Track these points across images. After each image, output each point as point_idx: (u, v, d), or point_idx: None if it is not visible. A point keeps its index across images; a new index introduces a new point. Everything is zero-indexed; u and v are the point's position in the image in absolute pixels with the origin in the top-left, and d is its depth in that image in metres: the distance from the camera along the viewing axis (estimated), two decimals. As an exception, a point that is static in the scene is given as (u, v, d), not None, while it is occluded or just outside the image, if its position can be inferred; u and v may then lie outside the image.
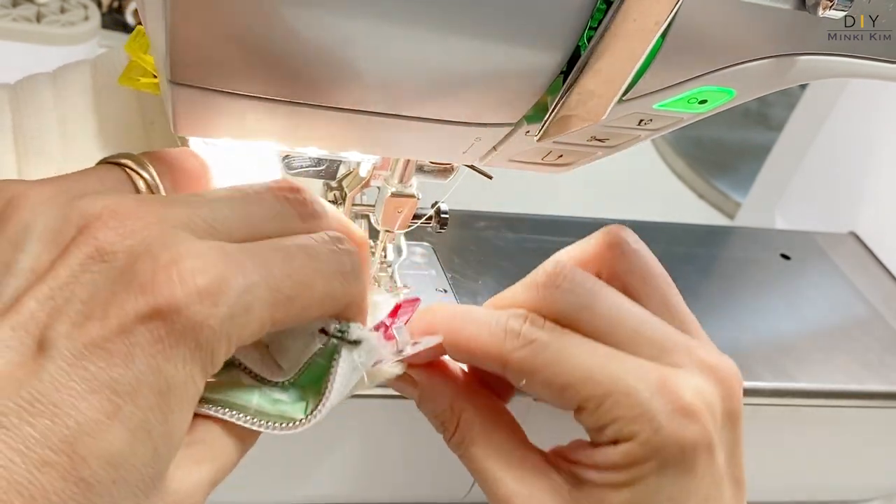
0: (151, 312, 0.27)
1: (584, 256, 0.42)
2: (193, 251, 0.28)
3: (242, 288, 0.28)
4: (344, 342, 0.34)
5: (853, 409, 0.57)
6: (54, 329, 0.27)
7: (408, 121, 0.33)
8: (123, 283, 0.27)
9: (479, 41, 0.29)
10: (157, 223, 0.28)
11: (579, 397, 0.37)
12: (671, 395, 0.36)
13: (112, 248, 0.28)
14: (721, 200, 0.98)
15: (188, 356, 0.27)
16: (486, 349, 0.38)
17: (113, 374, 0.26)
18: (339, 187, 0.47)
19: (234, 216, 0.30)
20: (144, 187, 0.32)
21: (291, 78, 0.30)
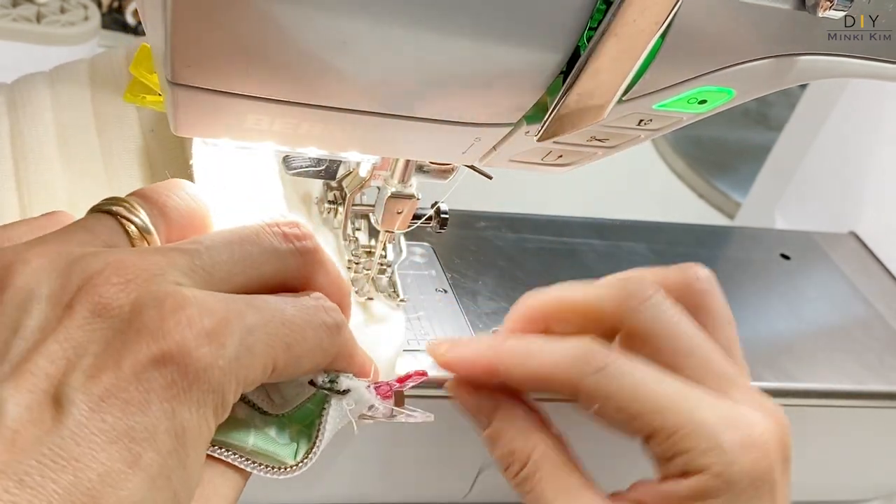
0: (163, 357, 0.27)
1: (663, 283, 0.43)
2: (196, 298, 0.28)
3: (245, 329, 0.29)
4: (333, 392, 0.35)
5: (853, 409, 0.57)
6: (68, 384, 0.27)
7: (408, 121, 0.33)
8: (132, 332, 0.28)
9: (478, 41, 0.29)
10: (156, 274, 0.29)
11: (651, 427, 0.38)
12: (742, 430, 0.37)
13: (116, 301, 0.28)
14: (721, 200, 0.98)
15: (201, 398, 0.28)
16: (558, 377, 0.39)
17: (130, 423, 0.27)
18: (339, 187, 0.47)
19: (232, 260, 0.31)
20: (137, 233, 0.32)
21: (291, 78, 0.30)
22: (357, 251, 0.47)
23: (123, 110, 0.47)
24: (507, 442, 0.40)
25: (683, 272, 0.44)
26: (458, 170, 0.44)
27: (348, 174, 0.45)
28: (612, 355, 0.39)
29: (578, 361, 0.38)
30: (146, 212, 0.33)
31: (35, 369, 0.27)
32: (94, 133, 0.47)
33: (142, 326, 0.28)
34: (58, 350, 0.28)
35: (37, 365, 0.27)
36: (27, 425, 0.26)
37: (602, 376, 0.38)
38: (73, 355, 0.28)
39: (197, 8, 0.27)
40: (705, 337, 0.41)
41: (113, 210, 0.33)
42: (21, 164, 0.44)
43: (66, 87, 0.47)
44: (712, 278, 0.44)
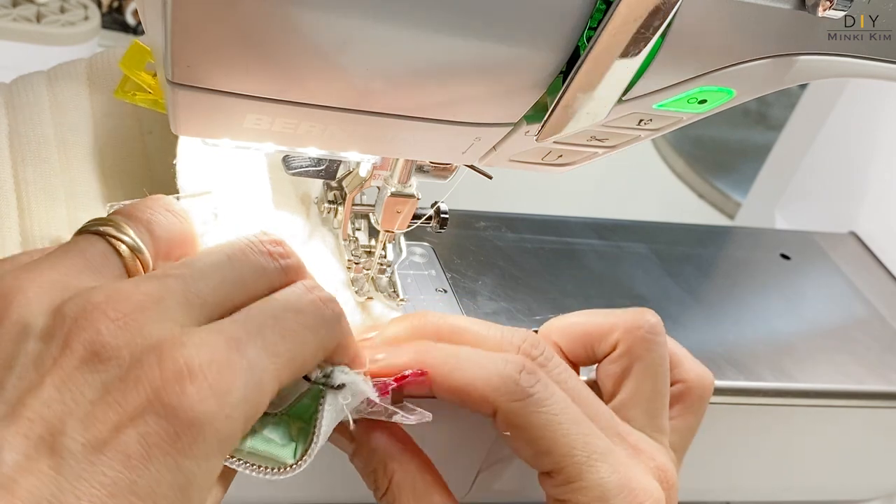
0: (164, 412, 0.27)
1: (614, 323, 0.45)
2: (196, 342, 0.28)
3: (249, 368, 0.29)
4: (328, 388, 0.35)
5: (853, 409, 0.57)
6: (67, 434, 0.26)
7: (407, 121, 0.33)
8: (131, 381, 0.27)
9: (478, 41, 0.29)
10: (154, 308, 0.29)
11: (553, 467, 0.39)
12: (635, 498, 0.39)
13: (113, 341, 0.28)
14: (721, 200, 0.98)
15: (207, 449, 0.28)
16: (480, 394, 0.38)
17: (132, 477, 0.26)
18: (338, 187, 0.46)
19: (224, 284, 0.31)
20: (128, 252, 0.32)
21: (291, 78, 0.30)
22: (357, 251, 0.47)
23: (121, 110, 0.47)
24: (367, 470, 0.40)
25: (631, 318, 0.45)
26: (458, 170, 0.44)
27: (348, 174, 0.45)
28: (540, 384, 0.38)
29: (505, 384, 0.38)
30: (134, 230, 0.33)
31: (31, 414, 0.27)
32: (92, 133, 0.46)
33: (141, 376, 0.27)
34: (53, 393, 0.27)
35: (32, 409, 0.27)
36: (25, 474, 0.26)
37: (523, 406, 0.38)
38: (70, 400, 0.27)
39: (197, 8, 0.27)
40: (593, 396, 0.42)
41: (101, 231, 0.32)
42: (20, 165, 0.44)
43: (65, 88, 0.47)
44: (658, 327, 0.45)
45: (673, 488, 0.42)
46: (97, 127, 0.47)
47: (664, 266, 0.62)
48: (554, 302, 0.55)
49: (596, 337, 0.45)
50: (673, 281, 0.61)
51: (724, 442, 0.55)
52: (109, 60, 0.48)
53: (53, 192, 0.44)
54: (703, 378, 0.47)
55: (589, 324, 0.45)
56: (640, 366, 0.44)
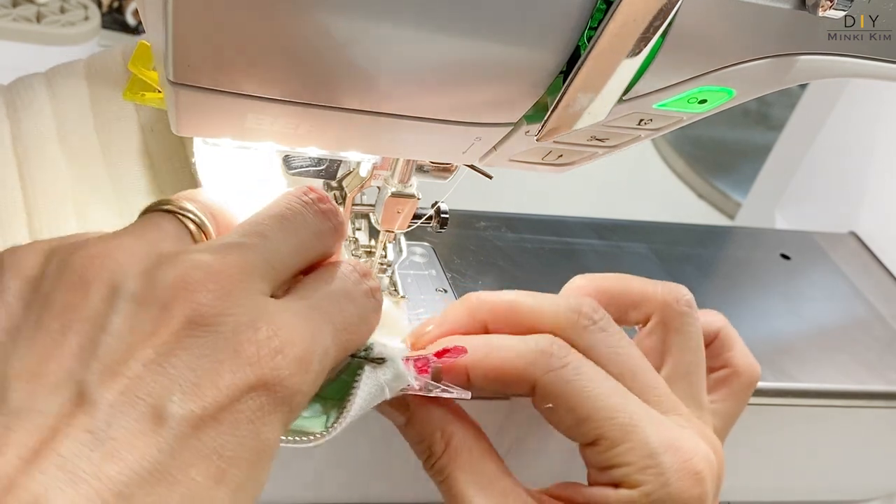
0: (258, 385, 0.29)
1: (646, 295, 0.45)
2: (284, 323, 0.30)
3: (323, 352, 0.31)
4: (366, 360, 0.37)
5: (853, 409, 0.57)
6: (169, 399, 0.27)
7: (408, 121, 0.33)
8: (229, 354, 0.28)
9: (479, 41, 0.29)
10: (243, 280, 0.30)
11: (596, 433, 0.38)
12: (683, 455, 0.38)
13: (212, 312, 0.29)
14: (721, 200, 0.98)
15: (282, 419, 0.30)
16: (518, 371, 0.39)
17: (220, 441, 0.28)
18: (339, 187, 0.47)
19: (289, 250, 0.33)
20: (195, 228, 0.33)
21: (292, 78, 0.30)
22: (357, 251, 0.47)
23: (122, 109, 0.47)
24: (424, 433, 0.40)
25: (668, 290, 0.45)
26: (458, 170, 0.44)
27: (348, 174, 0.45)
28: (574, 355, 0.39)
29: (540, 357, 0.39)
30: (196, 207, 0.34)
31: (130, 373, 0.27)
32: (94, 132, 0.47)
33: (240, 352, 0.29)
34: (152, 356, 0.28)
35: (132, 369, 0.27)
36: (125, 433, 0.26)
37: (560, 375, 0.38)
38: (171, 367, 0.28)
39: (197, 8, 0.27)
40: (647, 364, 0.42)
41: (168, 208, 0.33)
42: (24, 166, 0.44)
43: (64, 87, 0.47)
44: (692, 303, 0.45)
45: (721, 459, 0.41)
46: (98, 125, 0.47)
47: (664, 266, 0.62)
48: (554, 302, 0.54)
49: (630, 302, 0.45)
50: (673, 281, 0.61)
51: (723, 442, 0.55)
52: (108, 60, 0.48)
53: (60, 192, 0.44)
54: (751, 367, 0.47)
55: (626, 287, 0.45)
56: (679, 339, 0.44)
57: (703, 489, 0.38)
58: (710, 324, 0.48)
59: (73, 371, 0.27)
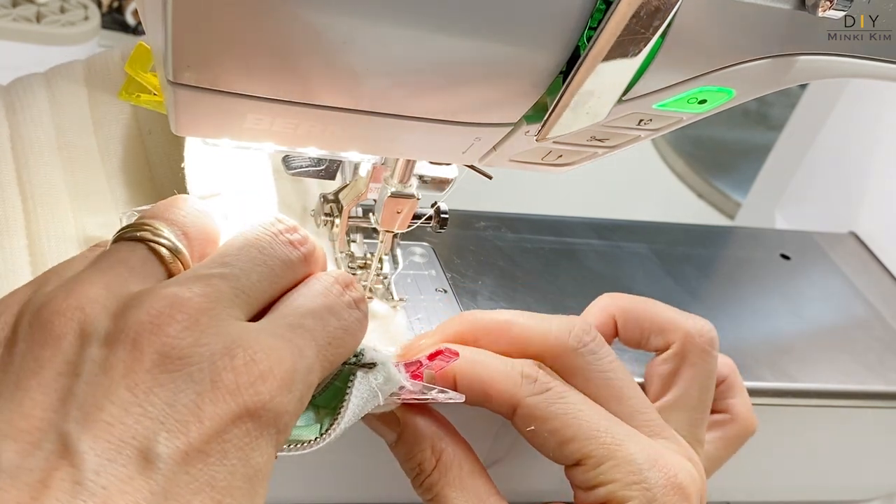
0: (242, 414, 0.29)
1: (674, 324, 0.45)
2: (261, 345, 0.30)
3: (306, 370, 0.31)
4: (357, 366, 0.37)
5: (853, 409, 0.57)
6: (154, 439, 0.27)
7: (408, 121, 0.33)
8: (206, 386, 0.28)
9: (478, 41, 0.29)
10: (213, 309, 0.30)
11: (581, 453, 0.39)
12: (668, 471, 0.39)
13: (184, 344, 0.29)
14: (721, 200, 0.98)
15: (270, 441, 0.30)
16: (502, 391, 0.39)
17: (211, 473, 0.28)
18: (335, 200, 0.47)
19: (261, 279, 0.33)
20: (169, 255, 0.33)
21: (291, 78, 0.30)
22: (353, 264, 0.48)
23: (120, 111, 0.47)
24: (414, 451, 0.40)
25: (695, 324, 0.45)
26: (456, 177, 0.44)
27: (345, 187, 0.45)
28: (557, 382, 0.40)
29: (524, 379, 0.39)
30: (170, 232, 0.34)
31: (110, 418, 0.27)
32: (92, 134, 0.46)
33: (218, 382, 0.28)
34: (129, 397, 0.27)
35: (110, 413, 0.27)
36: (114, 481, 0.26)
37: (543, 398, 0.39)
38: (147, 404, 0.28)
39: (197, 8, 0.27)
40: (636, 388, 0.42)
41: (138, 236, 0.33)
42: (23, 168, 0.44)
43: (63, 89, 0.47)
44: (715, 343, 0.45)
45: (705, 481, 0.41)
46: (97, 128, 0.47)
47: (664, 266, 0.62)
48: (554, 302, 0.55)
49: (656, 328, 0.46)
50: (673, 281, 0.61)
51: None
52: (107, 61, 0.48)
53: (58, 195, 0.44)
54: (749, 419, 0.48)
55: (654, 313, 0.46)
56: (692, 372, 0.44)
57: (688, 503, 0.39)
58: (720, 367, 0.48)
59: (54, 423, 0.27)
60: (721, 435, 0.47)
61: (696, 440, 0.44)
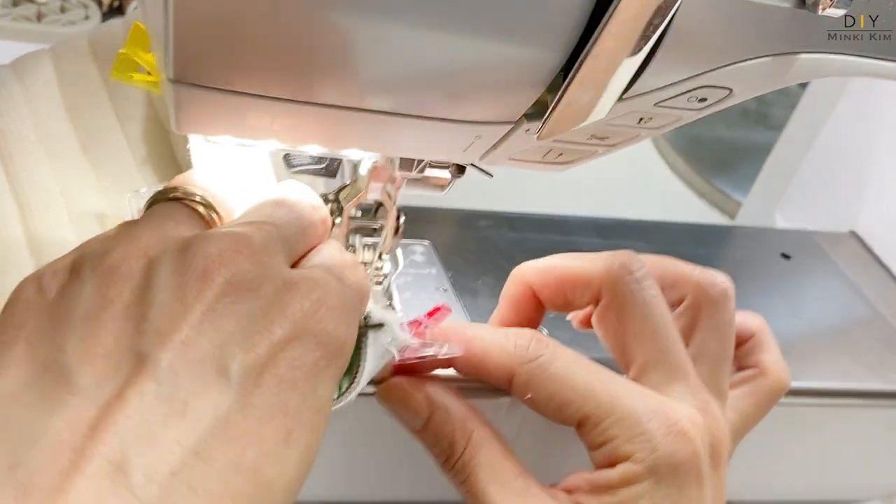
0: (310, 339, 0.29)
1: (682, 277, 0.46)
2: (317, 280, 0.31)
3: (352, 307, 0.32)
4: (368, 327, 0.38)
5: (853, 409, 0.57)
6: (229, 355, 0.28)
7: (408, 119, 0.33)
8: (276, 312, 0.29)
9: (479, 39, 0.29)
10: (270, 248, 0.31)
11: (580, 414, 0.39)
12: (667, 419, 0.39)
13: (250, 275, 0.29)
14: (721, 200, 0.98)
15: (334, 373, 0.30)
16: (497, 362, 0.40)
17: (283, 399, 0.28)
18: (335, 199, 0.47)
19: (298, 235, 0.34)
20: (205, 210, 0.34)
21: (292, 76, 0.30)
22: None
23: (96, 98, 0.47)
24: (444, 433, 0.41)
25: (705, 275, 0.45)
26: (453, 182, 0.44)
27: (344, 187, 0.45)
28: (550, 347, 0.40)
29: (517, 350, 0.40)
30: (199, 191, 0.35)
31: (185, 338, 0.27)
32: (70, 123, 0.46)
33: (287, 309, 0.29)
34: (202, 320, 0.28)
35: (186, 335, 0.28)
36: (194, 396, 0.27)
37: (536, 364, 0.40)
38: (224, 326, 0.28)
39: (198, 6, 0.27)
40: (672, 329, 0.42)
41: (172, 196, 0.34)
42: (9, 162, 0.44)
43: (35, 79, 0.46)
44: (728, 292, 0.45)
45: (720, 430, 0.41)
46: (74, 116, 0.46)
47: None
48: (554, 301, 0.54)
49: (669, 282, 0.46)
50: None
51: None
52: (75, 48, 0.47)
53: (48, 186, 0.44)
54: (781, 372, 0.48)
55: (664, 268, 0.46)
56: (708, 324, 0.44)
57: (693, 447, 0.39)
58: (748, 323, 0.48)
59: (131, 343, 0.27)
60: (751, 390, 0.47)
61: (719, 391, 0.44)
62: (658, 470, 0.38)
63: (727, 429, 0.42)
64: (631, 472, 0.38)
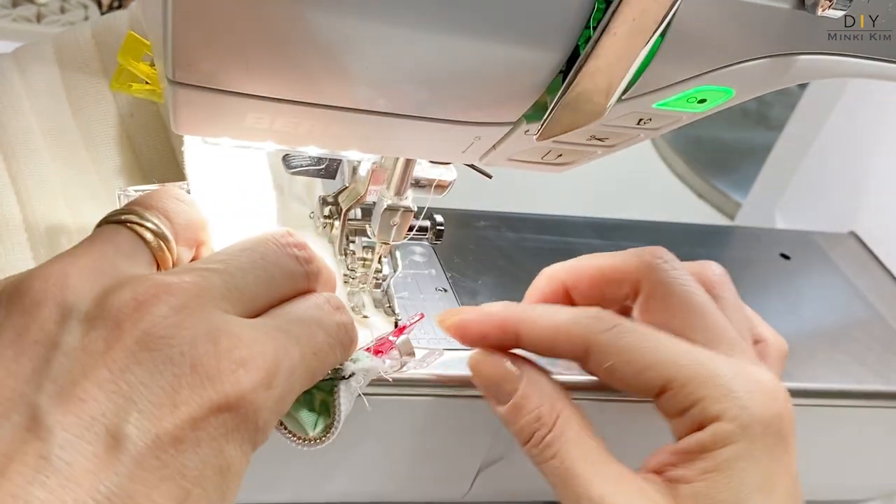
0: (220, 402, 0.28)
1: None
2: (246, 336, 0.29)
3: (289, 370, 0.30)
4: (338, 379, 0.38)
5: (853, 409, 0.57)
6: (127, 421, 0.27)
7: (408, 120, 0.33)
8: (188, 370, 0.28)
9: (478, 40, 0.29)
10: (201, 297, 0.29)
11: (663, 378, 0.38)
12: (752, 378, 0.38)
13: (167, 328, 0.28)
14: (721, 200, 0.98)
15: (247, 437, 0.29)
16: (571, 334, 0.39)
17: (182, 461, 0.27)
18: (334, 202, 0.47)
19: (258, 282, 0.32)
20: (154, 240, 0.33)
21: (291, 77, 0.30)
22: (353, 265, 0.48)
23: (98, 93, 0.46)
24: (533, 407, 0.40)
25: (699, 265, 0.46)
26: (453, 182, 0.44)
27: (343, 189, 0.45)
28: (624, 319, 0.40)
29: (591, 320, 0.39)
30: (155, 217, 0.33)
31: (83, 394, 0.27)
32: (72, 119, 0.46)
33: (198, 366, 0.28)
34: (105, 374, 0.27)
35: (84, 389, 0.27)
36: (80, 458, 0.26)
37: (614, 332, 0.39)
38: (126, 385, 0.27)
39: (197, 6, 0.27)
40: (716, 307, 0.42)
41: (124, 219, 0.33)
42: (12, 159, 0.44)
43: (37, 72, 0.46)
44: (725, 274, 0.46)
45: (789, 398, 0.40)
46: (75, 113, 0.46)
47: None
48: (554, 301, 0.54)
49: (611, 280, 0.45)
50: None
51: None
52: (77, 41, 0.47)
53: (49, 183, 0.44)
54: (780, 340, 0.48)
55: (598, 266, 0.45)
56: (724, 304, 0.44)
57: (781, 406, 0.38)
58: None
59: (26, 394, 0.27)
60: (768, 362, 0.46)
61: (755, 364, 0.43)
62: (751, 428, 0.37)
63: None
64: (724, 431, 0.37)
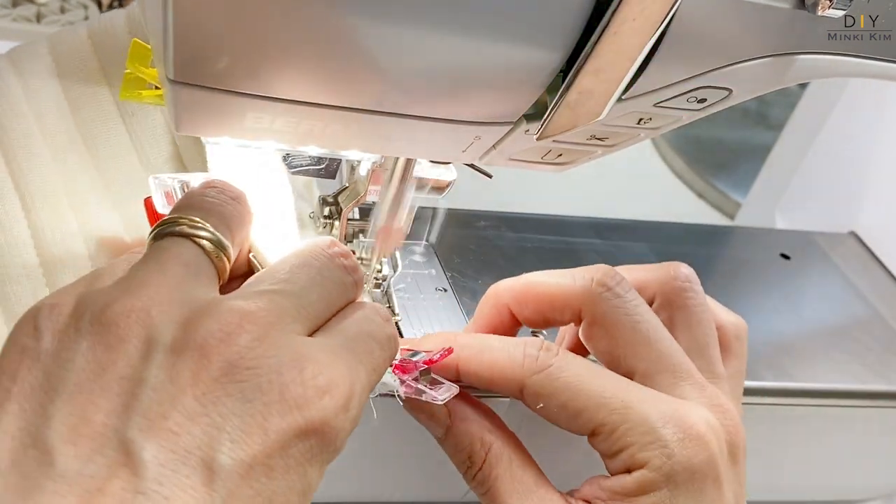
0: (307, 429, 0.28)
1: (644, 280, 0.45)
2: (324, 361, 0.30)
3: (361, 391, 0.31)
4: None
5: (853, 409, 0.57)
6: (218, 450, 0.27)
7: (408, 119, 0.33)
8: (275, 396, 0.28)
9: (479, 40, 0.29)
10: (279, 324, 0.30)
11: (593, 422, 0.39)
12: (681, 423, 0.38)
13: (254, 355, 0.28)
14: (721, 200, 0.98)
15: (327, 458, 0.30)
16: (505, 374, 0.40)
17: (273, 487, 0.28)
18: (334, 202, 0.47)
19: (320, 300, 0.33)
20: (213, 249, 0.33)
21: (292, 77, 0.30)
22: None
23: (96, 93, 0.46)
24: (463, 446, 0.40)
25: (664, 270, 0.45)
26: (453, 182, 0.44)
27: (343, 189, 0.45)
28: (559, 356, 0.40)
29: (526, 360, 0.40)
30: (211, 225, 0.33)
31: (175, 427, 0.27)
32: (72, 120, 0.46)
33: (286, 394, 0.28)
34: (196, 406, 0.27)
35: (175, 422, 0.27)
36: (178, 492, 0.26)
37: (545, 375, 0.39)
38: (218, 416, 0.27)
39: (197, 7, 0.27)
40: (664, 331, 0.42)
41: (177, 231, 0.33)
42: (13, 162, 0.44)
43: (34, 74, 0.45)
44: (692, 277, 0.45)
45: (732, 419, 0.41)
46: (74, 110, 0.46)
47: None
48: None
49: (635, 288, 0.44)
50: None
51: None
52: (73, 39, 0.47)
53: (53, 185, 0.44)
54: (737, 321, 0.47)
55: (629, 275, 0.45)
56: (684, 314, 0.44)
57: (709, 452, 0.38)
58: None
59: (117, 429, 0.27)
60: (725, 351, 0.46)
61: (717, 376, 0.43)
62: (675, 477, 0.37)
63: (739, 417, 0.42)
64: (648, 480, 0.38)
